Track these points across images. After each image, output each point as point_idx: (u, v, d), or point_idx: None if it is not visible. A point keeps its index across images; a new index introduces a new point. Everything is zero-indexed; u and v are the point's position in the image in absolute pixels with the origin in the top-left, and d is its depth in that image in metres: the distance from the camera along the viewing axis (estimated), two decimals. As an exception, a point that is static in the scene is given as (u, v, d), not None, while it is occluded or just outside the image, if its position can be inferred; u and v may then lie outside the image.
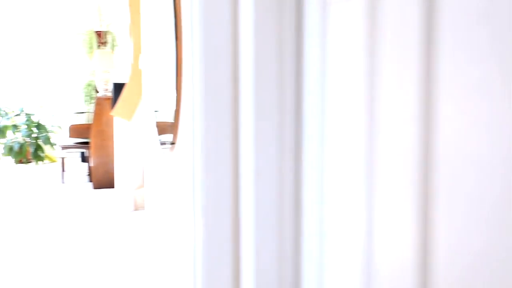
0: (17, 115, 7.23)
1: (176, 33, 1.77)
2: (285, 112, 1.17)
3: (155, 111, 2.62)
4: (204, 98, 1.21)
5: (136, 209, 5.28)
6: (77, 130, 6.03)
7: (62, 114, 7.93)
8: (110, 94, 6.08)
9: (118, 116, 5.17)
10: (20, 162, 7.31)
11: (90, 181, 6.48)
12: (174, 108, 1.92)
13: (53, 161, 7.64)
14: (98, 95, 6.08)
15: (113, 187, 6.11)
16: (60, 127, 7.71)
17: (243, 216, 1.24)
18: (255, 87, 1.14)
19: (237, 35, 1.23)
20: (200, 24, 1.21)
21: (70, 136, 6.05)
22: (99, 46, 7.07)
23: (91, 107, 7.31)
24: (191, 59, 1.28)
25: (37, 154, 7.22)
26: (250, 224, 1.19)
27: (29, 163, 7.42)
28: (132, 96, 5.19)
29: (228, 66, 1.22)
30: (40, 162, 7.30)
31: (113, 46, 7.31)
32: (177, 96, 1.88)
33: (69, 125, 6.07)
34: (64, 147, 6.22)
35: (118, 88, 5.56)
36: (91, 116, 7.01)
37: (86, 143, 6.27)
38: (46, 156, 7.48)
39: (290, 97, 1.17)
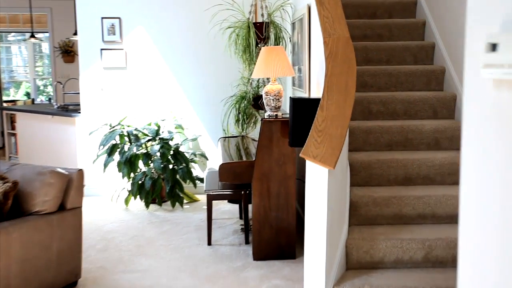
0: (149, 139, 5.41)
1: None
2: None
3: None
4: None
5: (335, 322, 2.98)
6: (231, 171, 3.93)
7: (206, 137, 6.03)
8: (281, 114, 3.88)
9: (313, 161, 2.93)
10: (153, 201, 5.48)
11: (247, 242, 4.37)
12: None
13: (194, 200, 5.76)
14: (265, 116, 3.91)
15: (283, 258, 3.94)
16: (203, 155, 5.79)
17: None
18: None
19: None
20: None
21: (220, 180, 3.96)
22: (258, 43, 4.96)
23: (245, 128, 5.21)
24: None
25: (174, 193, 5.33)
26: None
27: (163, 203, 5.60)
28: (335, 124, 2.91)
29: None
30: (177, 203, 5.41)
31: (276, 43, 5.16)
32: None
33: (220, 164, 3.97)
34: (209, 191, 4.19)
35: (301, 107, 3.31)
36: (250, 145, 4.92)
37: (244, 186, 4.20)
38: (185, 195, 5.58)
39: None
